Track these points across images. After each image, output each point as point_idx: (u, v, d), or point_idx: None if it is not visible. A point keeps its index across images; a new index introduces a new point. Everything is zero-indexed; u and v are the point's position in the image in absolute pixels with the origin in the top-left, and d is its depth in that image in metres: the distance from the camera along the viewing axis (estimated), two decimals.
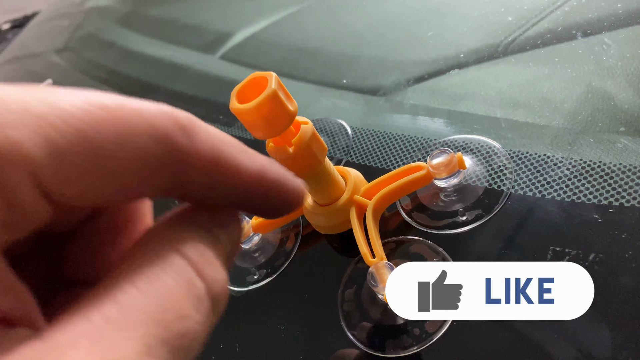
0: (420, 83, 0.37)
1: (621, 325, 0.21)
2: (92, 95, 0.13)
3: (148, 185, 0.15)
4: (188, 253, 0.14)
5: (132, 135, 0.14)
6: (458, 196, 0.28)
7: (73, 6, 0.91)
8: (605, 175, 0.25)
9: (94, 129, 0.13)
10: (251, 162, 0.17)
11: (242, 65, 0.52)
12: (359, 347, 0.25)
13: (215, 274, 0.14)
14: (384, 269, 0.24)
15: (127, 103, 0.14)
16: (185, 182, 0.15)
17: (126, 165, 0.14)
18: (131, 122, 0.14)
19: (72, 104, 0.13)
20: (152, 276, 0.13)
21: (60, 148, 0.12)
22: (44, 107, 0.12)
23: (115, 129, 0.13)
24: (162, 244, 0.14)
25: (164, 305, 0.13)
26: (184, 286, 0.13)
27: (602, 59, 0.31)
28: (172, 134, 0.14)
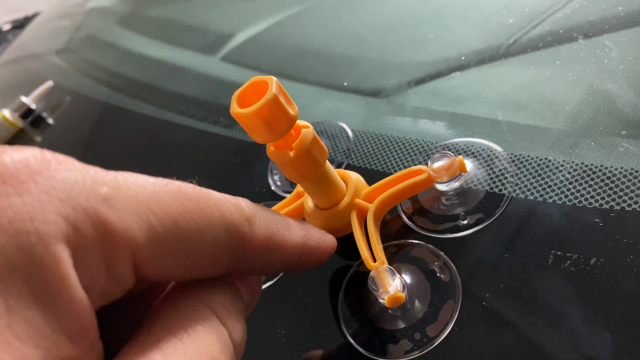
0: (422, 85, 0.37)
1: (623, 329, 0.21)
2: (182, 186, 0.16)
3: (216, 266, 0.17)
4: (215, 307, 0.16)
5: (211, 226, 0.16)
6: (459, 200, 0.28)
7: (74, 7, 0.91)
8: (606, 179, 0.25)
9: (183, 218, 0.15)
10: (295, 236, 0.20)
11: (243, 66, 0.52)
12: (360, 351, 0.25)
13: (236, 324, 0.17)
14: (385, 273, 0.24)
15: (207, 194, 0.17)
16: (243, 261, 0.18)
17: (204, 250, 0.16)
18: (210, 213, 0.16)
19: (168, 193, 0.15)
20: (188, 326, 0.15)
21: (158, 233, 0.15)
22: (148, 196, 0.15)
23: (199, 218, 0.16)
24: (192, 298, 0.16)
25: (199, 349, 0.15)
26: (213, 333, 0.15)
27: (604, 61, 0.31)
28: (240, 224, 0.17)
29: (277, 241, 0.19)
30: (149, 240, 0.14)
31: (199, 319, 0.16)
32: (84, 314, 0.13)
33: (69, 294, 0.13)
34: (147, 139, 0.49)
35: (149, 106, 0.53)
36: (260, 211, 0.19)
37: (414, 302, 0.25)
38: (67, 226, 0.13)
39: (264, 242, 0.18)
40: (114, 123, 0.55)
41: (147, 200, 0.15)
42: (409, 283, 0.26)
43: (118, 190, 0.14)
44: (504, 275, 0.24)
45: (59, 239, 0.12)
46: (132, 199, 0.14)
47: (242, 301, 0.18)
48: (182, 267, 0.16)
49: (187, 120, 0.47)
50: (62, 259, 0.12)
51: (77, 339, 0.13)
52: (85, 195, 0.13)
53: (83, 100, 0.62)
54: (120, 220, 0.14)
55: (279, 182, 0.36)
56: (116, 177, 0.15)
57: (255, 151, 0.40)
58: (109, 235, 0.14)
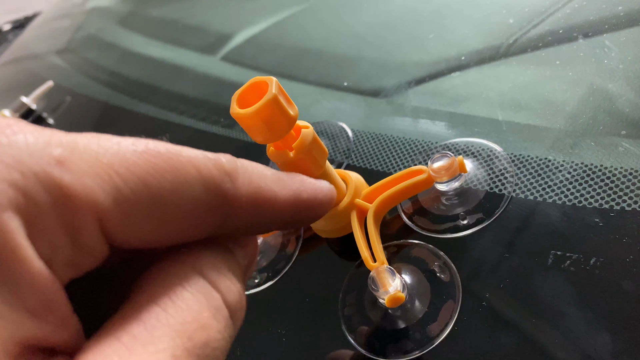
0: (422, 85, 0.37)
1: (622, 329, 0.21)
2: (151, 144, 0.15)
3: (198, 228, 0.16)
4: (203, 269, 0.15)
5: (186, 183, 0.15)
6: (459, 200, 0.28)
7: (74, 7, 0.91)
8: (606, 179, 0.25)
9: (154, 178, 0.14)
10: (286, 190, 0.18)
11: (243, 66, 0.52)
12: (360, 351, 0.25)
13: (230, 285, 0.15)
14: (385, 273, 0.24)
15: (180, 151, 0.15)
16: (230, 221, 0.16)
17: (180, 211, 0.15)
18: (185, 171, 0.15)
19: (134, 152, 0.14)
20: (172, 293, 0.14)
21: (125, 195, 0.13)
22: (110, 156, 0.14)
23: (172, 177, 0.14)
24: (179, 263, 0.15)
25: (185, 318, 0.13)
26: (201, 299, 0.14)
27: (604, 61, 0.31)
28: (220, 180, 0.16)
29: (265, 197, 0.17)
30: (115, 203, 0.13)
31: (186, 284, 0.14)
32: (45, 288, 0.12)
33: (24, 266, 0.12)
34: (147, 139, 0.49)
35: (149, 106, 0.53)
36: (245, 166, 0.17)
37: (414, 302, 0.25)
38: (15, 193, 0.12)
39: (250, 198, 0.17)
40: (114, 123, 0.55)
41: (110, 160, 0.13)
42: (409, 283, 0.26)
43: (75, 152, 0.13)
44: (504, 275, 0.24)
45: (6, 207, 0.11)
46: (93, 159, 0.13)
47: (235, 261, 0.17)
48: (160, 230, 0.15)
49: (187, 121, 0.47)
50: (11, 229, 0.11)
51: (42, 314, 0.12)
52: (35, 158, 0.12)
53: (83, 100, 0.62)
54: (78, 183, 0.13)
55: None
56: (75, 138, 0.13)
57: (256, 151, 0.40)
58: (67, 200, 0.12)
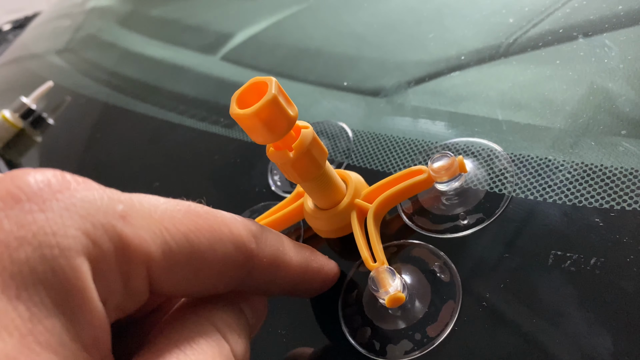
0: (422, 84, 0.37)
1: (623, 329, 0.21)
2: (192, 205, 0.17)
3: (224, 283, 0.18)
4: (217, 322, 0.17)
5: (221, 242, 0.17)
6: (459, 200, 0.28)
7: (74, 7, 0.91)
8: (606, 179, 0.25)
9: (195, 235, 0.16)
10: (300, 257, 0.21)
11: (243, 66, 0.52)
12: (360, 351, 0.25)
13: (237, 339, 0.18)
14: (385, 274, 0.24)
15: (215, 213, 0.18)
16: (250, 278, 0.19)
17: (214, 266, 0.17)
18: (219, 229, 0.17)
19: (179, 211, 0.16)
20: (190, 340, 0.16)
21: (171, 248, 0.16)
22: (161, 213, 0.16)
23: (209, 235, 0.17)
24: (196, 315, 0.17)
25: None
26: (215, 347, 0.16)
27: (604, 60, 0.31)
28: (248, 241, 0.18)
29: (282, 260, 0.20)
30: (162, 255, 0.15)
31: (202, 333, 0.16)
32: (100, 326, 0.14)
33: (88, 305, 0.13)
34: (148, 139, 0.49)
35: (149, 106, 0.53)
36: (266, 231, 0.20)
37: (414, 302, 0.25)
38: (86, 240, 0.13)
39: (269, 259, 0.19)
40: (114, 123, 0.55)
41: (160, 217, 0.16)
42: (409, 283, 0.26)
43: (133, 208, 0.15)
44: (504, 275, 0.24)
45: (80, 252, 0.13)
46: (147, 216, 0.15)
47: (245, 320, 0.19)
48: (194, 281, 0.17)
49: (187, 121, 0.47)
50: (82, 272, 0.13)
51: (91, 349, 0.14)
52: (103, 212, 0.14)
53: (83, 100, 0.62)
54: (136, 235, 0.15)
55: (279, 182, 0.36)
56: (130, 196, 0.16)
57: (256, 151, 0.40)
58: (126, 250, 0.14)
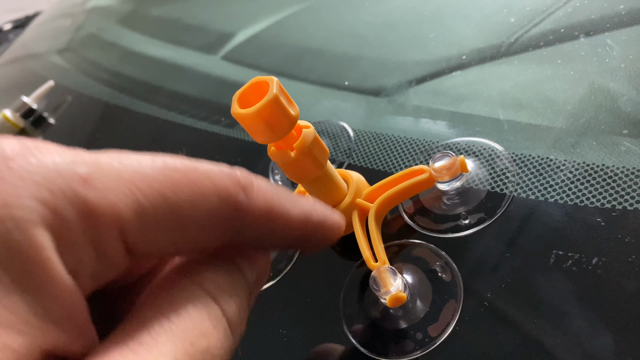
0: (423, 84, 0.37)
1: (625, 329, 0.21)
2: (168, 159, 0.16)
3: (212, 239, 0.17)
4: (204, 283, 0.16)
5: (203, 196, 0.16)
6: (460, 199, 0.28)
7: (75, 6, 0.91)
8: (608, 179, 0.25)
9: (172, 192, 0.15)
10: (298, 208, 0.19)
11: (244, 65, 0.52)
12: (362, 351, 0.25)
13: (229, 300, 0.17)
14: (387, 273, 0.24)
15: (197, 166, 0.16)
16: (242, 232, 0.17)
17: (197, 223, 0.16)
18: (201, 184, 0.16)
19: (153, 168, 0.15)
20: (175, 304, 0.15)
21: (145, 209, 0.14)
22: (131, 173, 0.14)
23: (189, 190, 0.15)
24: (183, 278, 0.16)
25: (187, 325, 0.15)
26: (202, 309, 0.15)
27: (605, 60, 0.31)
28: (235, 193, 0.17)
29: (278, 212, 0.18)
30: (136, 217, 0.14)
31: (189, 297, 0.16)
32: (70, 299, 0.13)
33: (52, 279, 0.12)
34: (149, 139, 0.49)
35: (150, 106, 0.53)
36: (259, 181, 0.18)
37: (415, 302, 0.25)
38: (45, 210, 0.12)
39: (263, 211, 0.17)
40: (115, 123, 0.55)
41: (131, 176, 0.14)
42: (410, 283, 0.26)
43: (98, 169, 0.14)
44: (505, 274, 0.24)
45: (37, 223, 0.12)
46: (115, 176, 0.14)
47: (241, 277, 0.18)
48: (177, 240, 0.16)
49: (188, 120, 0.47)
50: (41, 244, 0.12)
51: (64, 324, 0.13)
52: (62, 177, 0.13)
53: (84, 100, 0.62)
54: (102, 199, 0.13)
55: (280, 181, 0.36)
56: (97, 157, 0.14)
57: (257, 151, 0.40)
58: (93, 216, 0.13)
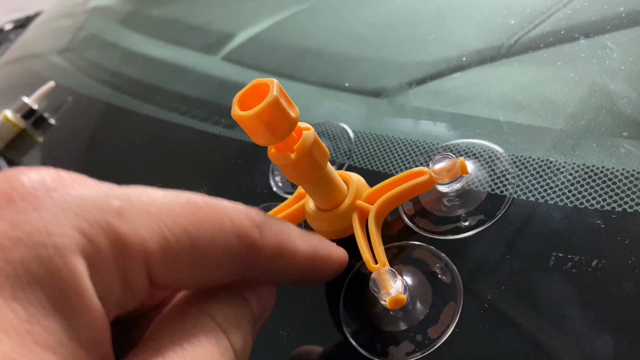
0: (423, 85, 0.37)
1: (624, 331, 0.21)
2: (192, 197, 0.17)
3: (228, 274, 0.18)
4: (214, 315, 0.17)
5: (222, 233, 0.17)
6: (460, 201, 0.28)
7: (75, 6, 0.91)
8: (608, 181, 0.25)
9: (195, 228, 0.16)
10: (306, 244, 0.21)
11: (244, 66, 0.52)
12: (361, 352, 0.25)
13: (235, 331, 0.17)
14: (387, 275, 0.24)
15: (216, 203, 0.17)
16: (254, 268, 0.18)
17: (215, 258, 0.17)
18: (221, 221, 0.17)
19: (178, 204, 0.16)
20: (188, 333, 0.16)
21: (170, 243, 0.15)
22: (159, 207, 0.15)
23: (210, 227, 0.16)
24: (194, 308, 0.17)
25: (199, 354, 0.15)
26: (212, 340, 0.16)
27: (605, 62, 0.31)
28: (250, 231, 0.18)
29: (287, 248, 0.19)
30: (161, 250, 0.15)
31: (200, 326, 0.16)
32: (99, 325, 0.14)
33: (86, 304, 0.13)
34: (149, 140, 0.49)
35: (151, 106, 0.53)
36: (271, 219, 0.19)
37: (415, 303, 0.25)
38: (82, 239, 0.13)
39: (274, 248, 0.19)
40: (116, 123, 0.55)
41: (158, 211, 0.15)
42: (410, 285, 0.26)
43: (130, 203, 0.15)
44: (505, 276, 0.24)
45: (75, 251, 0.13)
46: (144, 211, 0.15)
47: (247, 310, 0.19)
48: (195, 274, 0.17)
49: (188, 121, 0.47)
50: (78, 270, 0.13)
51: (90, 348, 0.13)
52: (98, 209, 0.14)
53: (85, 100, 0.62)
54: (133, 232, 0.14)
55: (281, 183, 0.36)
56: (127, 191, 0.15)
57: (257, 152, 0.40)
58: (123, 247, 0.14)
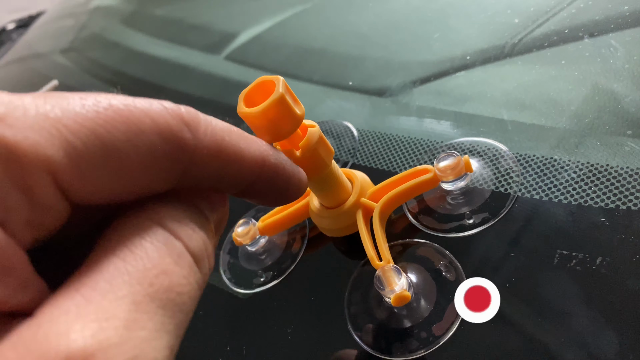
0: (426, 84, 0.37)
1: (629, 328, 0.21)
2: (101, 97, 0.14)
3: (157, 179, 0.16)
4: (162, 220, 0.15)
5: (141, 134, 0.14)
6: (465, 199, 0.28)
7: (78, 6, 0.91)
8: (612, 179, 0.25)
9: (106, 130, 0.14)
10: (253, 149, 0.18)
11: (247, 65, 0.52)
12: (366, 349, 0.25)
13: (191, 233, 0.16)
14: (391, 272, 0.24)
15: (134, 103, 0.15)
16: (191, 173, 0.16)
17: (137, 162, 0.15)
18: (139, 121, 0.15)
19: (84, 106, 0.14)
20: (130, 244, 0.14)
21: (76, 148, 0.13)
22: (58, 111, 0.13)
23: (125, 128, 0.14)
24: (138, 217, 0.15)
25: (145, 265, 0.14)
26: (161, 247, 0.14)
27: (609, 61, 0.31)
28: (178, 130, 0.15)
29: (230, 151, 0.17)
30: (68, 157, 0.13)
31: (145, 234, 0.14)
32: (2, 249, 0.12)
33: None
34: None
35: None
36: (209, 119, 0.17)
37: (419, 301, 0.25)
38: None
39: (212, 150, 0.16)
40: None
41: (58, 115, 0.13)
42: (414, 282, 0.26)
43: (17, 109, 0.13)
44: (509, 274, 0.24)
45: None
46: (38, 115, 0.13)
47: (201, 214, 0.17)
48: (118, 182, 0.15)
49: None
50: None
51: (1, 277, 0.12)
52: None
53: None
54: (23, 138, 0.12)
55: None
56: (20, 97, 0.13)
57: None
58: (13, 156, 0.12)
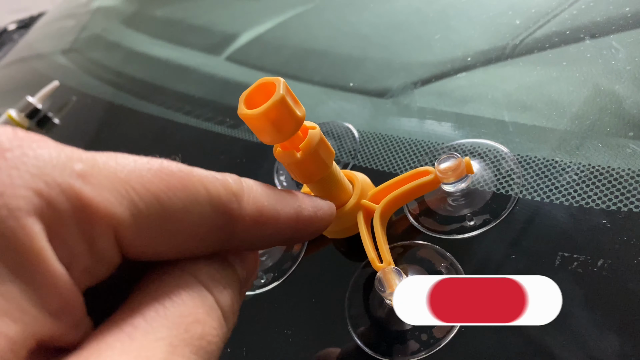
0: (427, 85, 0.37)
1: (630, 331, 0.21)
2: (164, 163, 0.16)
3: (204, 244, 0.17)
4: (197, 274, 0.17)
5: (196, 202, 0.16)
6: (466, 201, 0.28)
7: (79, 7, 0.91)
8: (613, 181, 0.25)
9: (166, 195, 0.15)
10: (288, 208, 0.20)
11: (248, 66, 0.52)
12: (367, 351, 0.25)
13: (222, 290, 0.17)
14: (392, 274, 0.24)
15: (190, 171, 0.16)
16: (233, 238, 0.18)
17: (189, 227, 0.16)
18: (195, 189, 0.16)
19: (150, 170, 0.15)
20: (169, 292, 0.15)
21: (140, 209, 0.15)
22: (127, 173, 0.15)
23: (183, 195, 0.16)
24: (177, 269, 0.17)
25: (182, 312, 0.15)
26: (196, 297, 0.16)
27: (611, 62, 0.31)
28: (227, 200, 0.17)
29: (268, 215, 0.18)
30: (130, 216, 0.14)
31: (182, 285, 0.16)
32: (65, 290, 0.13)
33: (46, 267, 0.13)
34: (153, 139, 0.49)
35: (155, 106, 0.53)
36: (250, 185, 0.18)
37: None
38: (39, 200, 0.13)
39: (254, 217, 0.18)
40: (120, 123, 0.55)
41: (127, 176, 0.14)
42: None
43: (95, 167, 0.14)
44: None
45: (30, 212, 0.12)
46: (111, 175, 0.14)
47: (232, 271, 0.18)
48: (169, 244, 0.16)
49: (192, 121, 0.48)
50: (34, 232, 0.12)
51: (60, 315, 0.13)
52: (58, 170, 0.13)
53: (89, 100, 0.63)
54: (97, 195, 0.13)
55: (285, 182, 0.36)
56: (94, 155, 0.15)
57: (261, 151, 0.40)
58: (86, 211, 0.13)
